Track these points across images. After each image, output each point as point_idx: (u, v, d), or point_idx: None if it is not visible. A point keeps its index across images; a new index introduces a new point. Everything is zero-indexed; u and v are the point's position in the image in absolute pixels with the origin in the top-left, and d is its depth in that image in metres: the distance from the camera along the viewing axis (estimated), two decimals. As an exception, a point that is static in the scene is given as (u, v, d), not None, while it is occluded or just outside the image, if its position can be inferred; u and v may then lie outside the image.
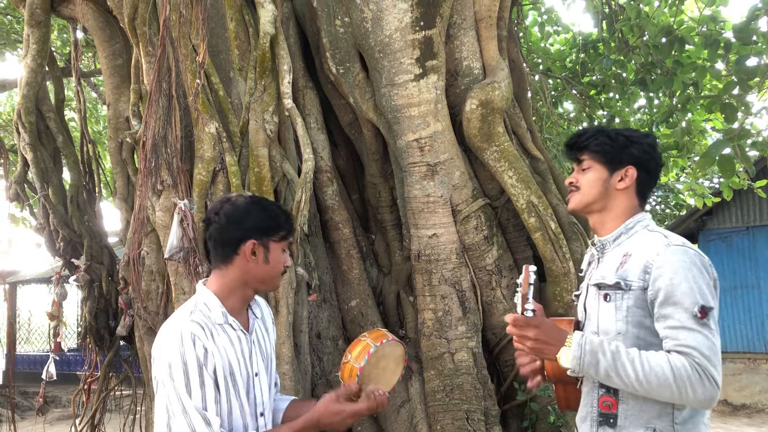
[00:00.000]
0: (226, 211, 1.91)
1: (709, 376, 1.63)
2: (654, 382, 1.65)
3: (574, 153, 2.02)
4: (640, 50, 6.21)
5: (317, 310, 4.08)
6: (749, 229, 11.20)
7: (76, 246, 5.42)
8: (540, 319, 1.81)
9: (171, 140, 3.61)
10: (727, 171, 4.85)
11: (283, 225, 1.95)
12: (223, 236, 1.91)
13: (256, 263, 1.90)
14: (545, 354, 1.79)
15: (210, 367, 1.78)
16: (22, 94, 5.25)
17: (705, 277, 1.74)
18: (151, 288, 3.94)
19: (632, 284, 1.80)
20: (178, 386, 1.74)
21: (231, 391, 1.83)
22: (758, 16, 4.97)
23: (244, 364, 1.90)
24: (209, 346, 1.79)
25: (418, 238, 3.91)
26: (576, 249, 3.87)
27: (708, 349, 1.65)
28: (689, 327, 1.67)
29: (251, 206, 1.92)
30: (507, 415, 3.91)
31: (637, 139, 1.96)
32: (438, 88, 3.83)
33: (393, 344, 2.07)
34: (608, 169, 1.95)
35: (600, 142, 1.95)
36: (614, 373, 1.69)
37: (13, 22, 9.68)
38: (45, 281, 14.34)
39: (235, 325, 1.90)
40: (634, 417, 1.79)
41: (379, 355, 2.02)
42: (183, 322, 1.82)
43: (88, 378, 5.64)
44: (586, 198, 1.97)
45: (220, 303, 1.89)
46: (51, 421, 10.01)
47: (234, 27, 3.79)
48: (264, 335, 2.06)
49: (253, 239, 1.89)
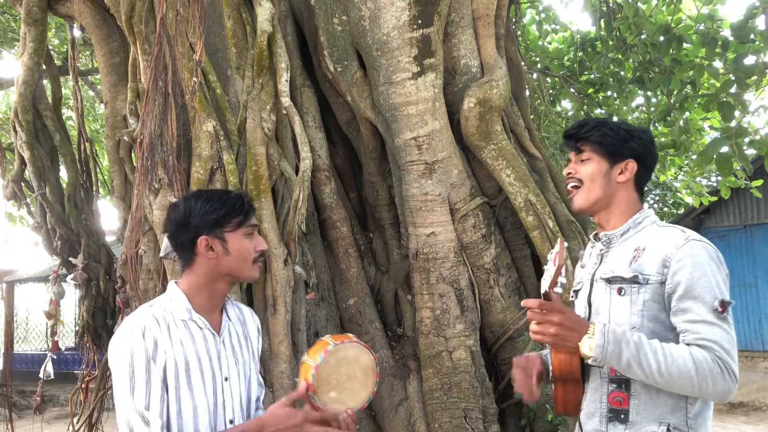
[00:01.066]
0: (172, 218, 1.87)
1: (729, 371, 1.63)
2: (676, 374, 1.64)
3: (573, 143, 1.99)
4: (638, 49, 6.21)
5: (315, 309, 4.08)
6: (747, 227, 11.22)
7: (74, 244, 5.41)
8: (562, 306, 1.78)
9: (168, 139, 3.61)
10: (725, 169, 4.85)
11: (233, 212, 1.85)
12: (177, 241, 1.87)
13: (217, 258, 1.83)
14: (567, 341, 1.75)
15: (159, 361, 1.71)
16: (19, 93, 5.24)
17: (721, 271, 1.74)
18: (149, 286, 3.93)
19: (650, 278, 1.78)
20: (122, 382, 1.69)
21: (182, 388, 1.75)
22: (756, 14, 4.98)
23: (209, 364, 1.82)
24: (161, 338, 1.73)
25: (416, 236, 3.91)
26: (574, 247, 3.87)
27: (728, 343, 1.65)
28: (710, 321, 1.67)
29: (194, 204, 1.85)
30: (505, 414, 3.92)
31: (636, 133, 1.95)
32: (436, 86, 3.82)
33: (357, 347, 1.86)
34: (609, 161, 1.93)
35: (602, 133, 1.93)
36: (636, 364, 1.67)
37: (9, 20, 9.65)
38: (42, 280, 14.32)
39: (200, 323, 1.84)
40: (646, 412, 1.77)
41: (340, 357, 1.82)
42: (138, 315, 1.77)
43: (85, 377, 5.64)
44: (592, 195, 1.94)
45: (186, 299, 1.84)
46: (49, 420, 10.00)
47: (231, 25, 3.78)
48: (241, 341, 1.96)
49: (203, 235, 1.82)
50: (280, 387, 3.46)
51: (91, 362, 5.65)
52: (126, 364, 1.69)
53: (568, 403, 1.95)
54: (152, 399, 1.69)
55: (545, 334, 1.75)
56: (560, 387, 1.95)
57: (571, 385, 1.94)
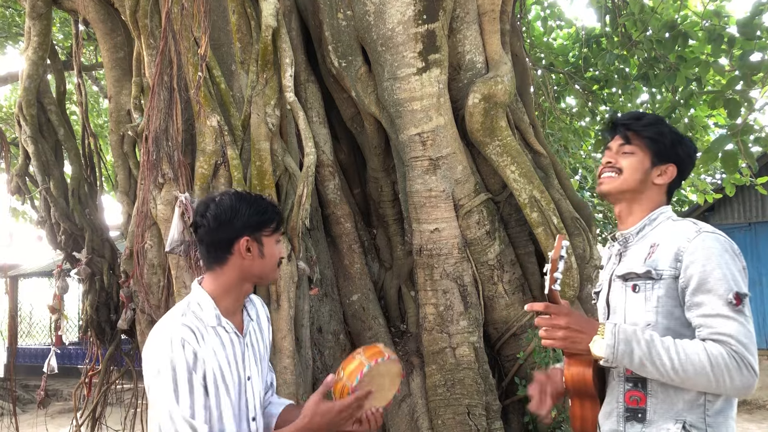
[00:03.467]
0: (213, 213, 1.86)
1: (747, 364, 1.59)
2: (690, 371, 1.61)
3: (623, 131, 1.94)
4: (644, 45, 6.19)
5: (319, 305, 4.07)
6: (751, 225, 11.18)
7: (78, 239, 5.41)
8: (569, 308, 1.77)
9: (172, 133, 3.60)
10: (730, 167, 4.83)
11: (272, 217, 1.91)
12: (214, 238, 1.86)
13: (252, 260, 1.86)
14: (577, 344, 1.73)
15: (200, 371, 1.75)
16: (24, 87, 5.24)
17: (737, 263, 1.71)
18: (153, 281, 3.93)
19: (663, 273, 1.75)
20: (167, 393, 1.71)
21: (221, 395, 1.79)
22: (762, 11, 4.95)
23: (236, 367, 1.85)
24: (199, 350, 1.75)
25: (419, 232, 3.91)
26: (578, 244, 3.86)
27: (745, 337, 1.61)
28: (724, 314, 1.64)
29: (238, 204, 1.86)
30: (508, 410, 3.91)
31: (685, 140, 1.94)
32: (440, 82, 3.81)
33: (389, 363, 1.94)
34: (652, 161, 1.91)
35: (658, 132, 1.90)
36: (649, 362, 1.65)
37: (14, 14, 9.66)
38: (46, 275, 14.34)
39: (228, 327, 1.86)
40: (663, 410, 1.74)
41: (373, 374, 1.89)
42: (173, 326, 1.78)
43: (89, 371, 5.65)
44: (626, 184, 1.91)
45: (214, 304, 1.85)
46: (52, 415, 10.03)
47: (236, 20, 3.78)
48: (258, 337, 2.00)
49: (245, 236, 1.85)
50: (283, 382, 3.46)
51: (94, 357, 5.65)
52: (169, 378, 1.71)
53: (586, 422, 1.89)
54: (197, 407, 1.73)
55: (554, 338, 1.74)
56: (577, 403, 1.90)
57: (588, 401, 1.88)
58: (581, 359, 1.78)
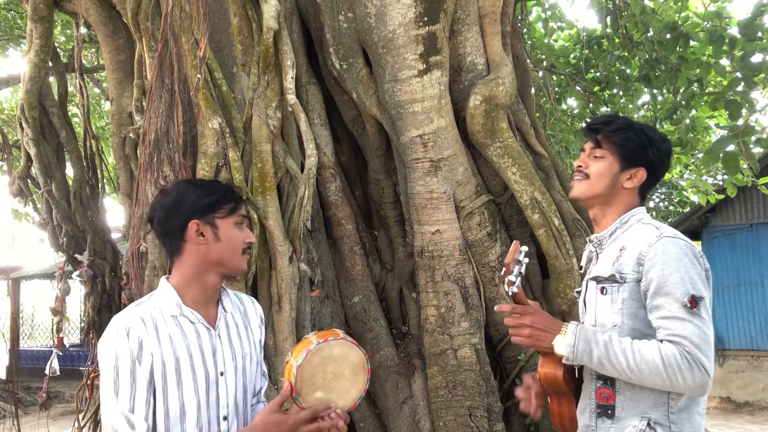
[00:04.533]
0: (162, 203, 1.83)
1: (699, 364, 1.65)
2: (645, 371, 1.68)
3: (594, 135, 1.97)
4: (645, 46, 6.19)
5: (320, 306, 4.08)
6: (753, 226, 11.16)
7: (80, 241, 5.42)
8: (534, 308, 1.86)
9: (173, 135, 3.61)
10: (732, 168, 4.83)
11: (224, 198, 1.83)
12: (165, 228, 1.82)
13: (207, 244, 1.80)
14: (541, 341, 1.81)
15: (146, 361, 1.67)
16: (26, 90, 5.25)
17: (696, 267, 1.76)
18: (154, 283, 3.93)
19: (627, 276, 1.82)
20: (107, 384, 1.65)
21: (176, 388, 1.71)
22: (763, 12, 4.95)
23: (202, 360, 1.77)
24: (147, 339, 1.69)
25: (421, 234, 3.91)
26: (579, 245, 3.86)
27: (698, 338, 1.67)
28: (680, 317, 1.70)
29: (184, 189, 1.83)
30: (510, 412, 3.91)
31: (657, 142, 1.94)
32: (442, 83, 3.81)
33: (344, 344, 1.76)
34: (621, 165, 1.93)
35: (626, 137, 1.92)
36: (607, 362, 1.72)
37: (16, 17, 9.68)
38: (48, 277, 14.37)
39: (192, 317, 1.79)
40: (630, 407, 1.81)
41: (324, 355, 1.73)
42: (123, 314, 1.74)
43: (91, 373, 5.65)
44: (593, 190, 1.95)
45: (176, 294, 1.80)
46: (54, 417, 10.04)
47: (237, 22, 3.78)
48: (240, 333, 1.91)
49: (194, 220, 1.79)
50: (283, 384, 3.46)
51: (96, 359, 5.66)
52: (111, 366, 1.67)
53: (563, 417, 1.97)
54: (137, 401, 1.66)
55: (521, 335, 1.85)
56: (555, 400, 1.98)
57: (564, 399, 1.96)
58: (553, 358, 1.85)
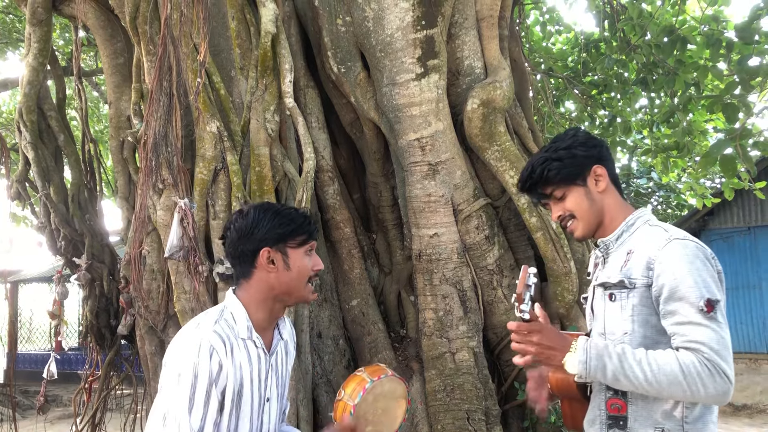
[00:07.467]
0: (237, 225, 1.84)
1: (720, 371, 1.58)
2: (664, 382, 1.60)
3: (539, 192, 1.95)
4: (642, 50, 6.20)
5: (318, 310, 4.08)
6: (751, 229, 11.20)
7: (78, 245, 5.42)
8: (542, 325, 1.76)
9: (172, 139, 3.61)
10: (729, 171, 4.83)
11: (299, 229, 1.84)
12: (237, 250, 1.83)
13: (277, 272, 1.81)
14: (550, 360, 1.74)
15: (220, 385, 1.69)
16: (24, 93, 5.26)
17: (709, 269, 1.69)
18: (152, 287, 3.94)
19: (636, 282, 1.76)
20: (181, 400, 1.65)
21: (236, 413, 1.73)
22: (760, 15, 4.96)
23: (258, 386, 1.79)
24: (225, 362, 1.70)
25: (419, 237, 3.91)
26: (577, 249, 3.87)
27: (717, 343, 1.60)
28: (696, 322, 1.62)
29: (261, 215, 1.83)
30: (508, 415, 3.91)
31: (572, 143, 1.92)
32: (439, 87, 3.82)
33: (392, 381, 1.86)
34: (579, 183, 1.90)
35: (555, 168, 1.89)
36: (622, 376, 1.65)
37: (14, 21, 9.69)
38: (46, 280, 14.34)
39: (258, 342, 1.80)
40: (643, 418, 1.75)
41: (377, 393, 1.82)
42: (205, 331, 1.72)
43: (89, 377, 5.64)
44: (589, 219, 1.91)
45: (247, 315, 1.80)
46: (52, 420, 10.02)
47: (235, 26, 3.79)
48: (284, 360, 1.94)
49: (266, 248, 1.80)
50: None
51: (94, 362, 5.65)
52: (188, 382, 1.66)
53: (577, 419, 1.93)
54: (207, 422, 1.67)
55: (528, 353, 1.75)
56: (566, 403, 1.94)
57: (577, 402, 1.92)
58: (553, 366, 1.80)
